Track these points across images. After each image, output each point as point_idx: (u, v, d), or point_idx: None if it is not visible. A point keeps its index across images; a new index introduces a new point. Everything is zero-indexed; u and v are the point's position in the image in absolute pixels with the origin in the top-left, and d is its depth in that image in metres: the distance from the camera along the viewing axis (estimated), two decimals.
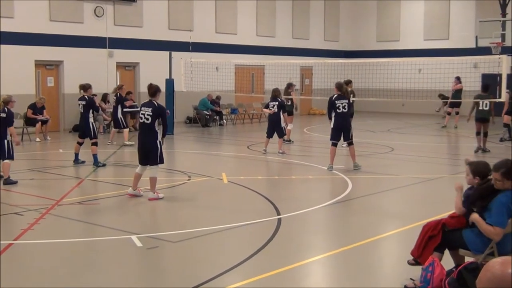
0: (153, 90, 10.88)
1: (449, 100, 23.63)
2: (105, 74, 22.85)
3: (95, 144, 14.07)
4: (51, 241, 8.05)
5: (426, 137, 21.27)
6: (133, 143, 17.78)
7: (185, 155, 17.12)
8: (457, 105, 23.49)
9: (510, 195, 5.72)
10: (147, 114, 10.63)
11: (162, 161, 10.81)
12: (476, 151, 16.28)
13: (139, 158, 10.86)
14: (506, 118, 19.17)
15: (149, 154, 10.67)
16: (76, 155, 14.33)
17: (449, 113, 23.86)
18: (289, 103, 18.74)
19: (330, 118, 13.80)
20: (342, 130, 13.72)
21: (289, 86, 19.12)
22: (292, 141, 18.74)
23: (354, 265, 7.28)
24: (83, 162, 14.33)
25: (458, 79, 23.48)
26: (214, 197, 11.21)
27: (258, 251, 7.51)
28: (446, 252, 6.25)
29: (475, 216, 5.83)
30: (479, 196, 5.95)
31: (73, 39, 22.00)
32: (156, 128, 10.70)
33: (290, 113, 18.52)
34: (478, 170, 6.21)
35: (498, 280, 2.23)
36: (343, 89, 13.78)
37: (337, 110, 13.57)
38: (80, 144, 14.34)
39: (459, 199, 6.16)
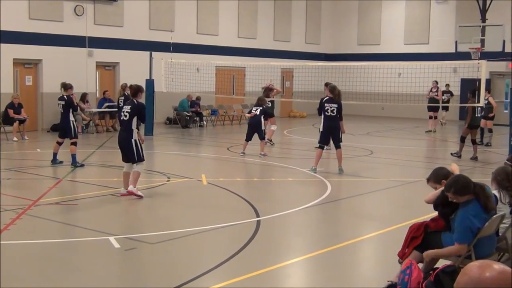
0: (133, 90, 11.06)
1: (433, 105, 23.76)
2: (84, 74, 22.65)
3: (74, 144, 13.95)
4: (27, 241, 7.95)
5: (405, 141, 21.41)
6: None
7: (164, 156, 17.05)
8: (436, 109, 23.66)
9: (468, 207, 5.73)
10: (126, 111, 10.79)
11: (140, 159, 10.80)
12: (453, 154, 16.35)
13: (121, 155, 11.00)
14: (489, 123, 19.29)
15: (126, 152, 10.78)
16: (55, 155, 14.18)
17: (430, 117, 24.00)
18: (270, 105, 18.80)
19: (319, 115, 13.88)
20: (331, 134, 13.72)
21: (267, 89, 19.21)
22: (273, 143, 18.74)
23: (333, 267, 7.29)
24: (61, 162, 14.19)
25: (437, 83, 23.68)
26: (193, 199, 11.16)
27: (237, 253, 7.48)
28: None
29: (430, 253, 5.87)
30: (441, 203, 6.00)
31: (52, 38, 21.81)
32: (133, 126, 10.74)
33: (272, 115, 18.61)
34: (440, 175, 6.27)
35: (476, 284, 2.23)
36: (335, 93, 13.73)
37: (326, 113, 13.59)
38: (59, 143, 14.21)
39: (436, 195, 6.15)
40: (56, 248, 7.85)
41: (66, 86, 14.28)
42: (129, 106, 10.81)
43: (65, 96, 14.10)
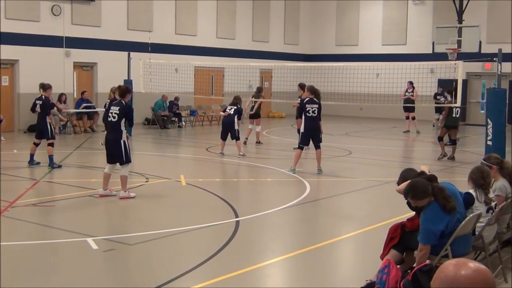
0: (122, 91, 11.00)
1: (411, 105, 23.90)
2: (61, 74, 22.49)
3: (51, 144, 13.83)
4: (4, 243, 7.85)
5: (383, 141, 21.54)
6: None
7: (143, 157, 16.96)
8: (411, 109, 23.79)
9: (429, 209, 5.79)
10: (115, 113, 10.74)
11: (128, 160, 10.79)
12: (440, 158, 16.24)
13: (106, 156, 10.94)
14: None
15: (114, 153, 10.71)
16: (32, 156, 14.06)
17: (407, 117, 24.13)
18: (254, 105, 18.98)
19: (296, 118, 14.01)
20: (312, 135, 13.74)
21: (260, 90, 19.45)
22: (261, 143, 18.88)
23: (313, 267, 7.31)
24: (38, 163, 14.08)
25: (412, 84, 23.81)
26: (172, 199, 11.13)
27: (216, 254, 7.48)
28: None
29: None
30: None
31: (29, 38, 21.60)
32: (122, 127, 10.73)
33: (258, 116, 18.82)
34: (409, 176, 6.31)
35: (451, 281, 2.25)
36: (317, 93, 13.82)
37: (307, 114, 13.63)
38: (36, 144, 14.08)
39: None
40: (34, 250, 7.78)
41: (44, 87, 14.19)
42: (117, 107, 10.74)
43: (43, 96, 14.02)
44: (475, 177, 6.53)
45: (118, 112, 10.69)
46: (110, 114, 10.79)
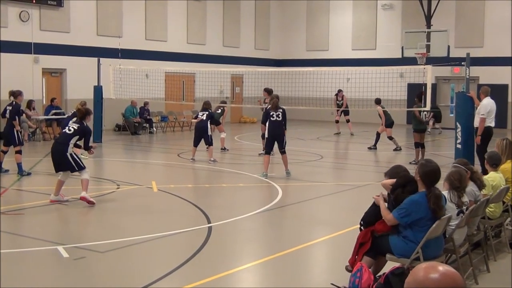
0: (81, 114, 11.01)
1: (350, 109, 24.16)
2: (30, 81, 22.22)
3: (19, 152, 13.65)
4: None
5: (354, 145, 21.65)
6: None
7: (113, 163, 16.83)
8: (348, 113, 24.28)
9: (419, 196, 6.00)
10: (72, 127, 10.81)
11: (81, 168, 10.73)
12: (416, 163, 16.27)
13: (53, 165, 10.87)
14: (388, 131, 19.54)
15: (61, 164, 10.70)
16: (0, 163, 13.86)
17: (337, 121, 24.55)
18: (219, 111, 18.86)
19: (262, 123, 14.08)
20: (275, 139, 13.77)
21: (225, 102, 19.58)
22: (227, 150, 18.72)
23: (285, 272, 7.31)
24: (6, 171, 13.87)
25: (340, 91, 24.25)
26: (143, 206, 11.04)
27: (188, 260, 7.44)
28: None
29: (381, 202, 6.23)
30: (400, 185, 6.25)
31: None
32: (71, 142, 10.69)
33: (218, 123, 18.56)
34: (398, 172, 6.43)
35: (420, 285, 2.27)
36: (274, 103, 13.87)
37: (271, 118, 13.68)
38: (4, 152, 13.89)
39: (385, 209, 6.22)
40: (3, 259, 7.64)
41: (15, 94, 14.05)
42: (77, 125, 10.81)
43: (14, 102, 13.90)
44: (453, 179, 6.64)
45: (76, 128, 10.75)
46: (67, 127, 10.85)
